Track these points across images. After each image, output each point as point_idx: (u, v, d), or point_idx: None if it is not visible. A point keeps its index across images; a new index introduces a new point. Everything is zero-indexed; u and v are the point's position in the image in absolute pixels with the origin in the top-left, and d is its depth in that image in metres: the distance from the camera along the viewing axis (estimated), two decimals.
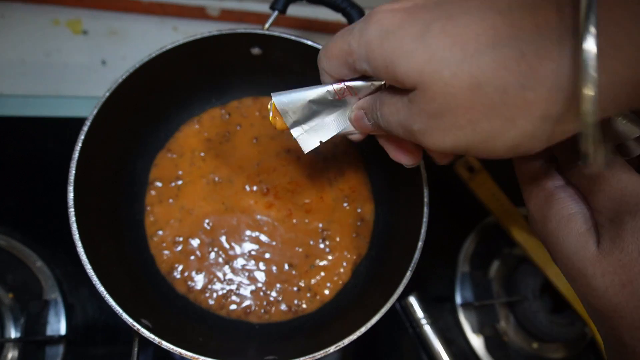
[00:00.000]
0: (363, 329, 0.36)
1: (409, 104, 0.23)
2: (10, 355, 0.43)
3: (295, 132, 0.30)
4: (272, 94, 0.29)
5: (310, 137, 0.30)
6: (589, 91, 0.17)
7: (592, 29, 0.17)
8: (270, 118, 0.30)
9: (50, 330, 0.45)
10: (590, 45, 0.17)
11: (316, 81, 0.42)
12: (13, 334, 0.44)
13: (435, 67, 0.20)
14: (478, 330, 0.51)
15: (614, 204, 0.22)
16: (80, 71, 0.58)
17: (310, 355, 0.35)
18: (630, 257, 0.21)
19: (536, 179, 0.25)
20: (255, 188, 0.47)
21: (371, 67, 0.23)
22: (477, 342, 0.51)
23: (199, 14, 0.62)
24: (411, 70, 0.21)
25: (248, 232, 0.46)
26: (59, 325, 0.46)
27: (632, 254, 0.21)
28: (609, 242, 0.22)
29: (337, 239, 0.47)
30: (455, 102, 0.21)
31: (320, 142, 0.30)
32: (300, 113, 0.29)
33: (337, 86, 0.27)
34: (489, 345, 0.50)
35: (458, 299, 0.52)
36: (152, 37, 0.61)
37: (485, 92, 0.20)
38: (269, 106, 0.30)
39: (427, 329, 0.49)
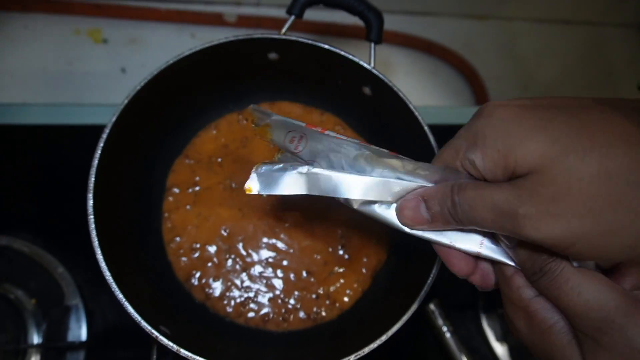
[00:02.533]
0: (384, 338, 0.35)
1: (513, 188, 0.22)
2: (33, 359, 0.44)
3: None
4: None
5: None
6: None
7: None
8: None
9: (71, 336, 0.45)
10: None
11: (333, 85, 0.41)
12: (35, 339, 0.45)
13: (559, 151, 0.20)
14: (502, 338, 0.49)
15: (583, 319, 0.21)
16: (101, 79, 0.59)
17: None
18: None
19: (512, 289, 0.25)
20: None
21: (480, 152, 0.23)
22: (501, 350, 0.49)
23: (217, 20, 0.62)
24: (530, 154, 0.21)
25: (265, 240, 0.46)
26: (79, 331, 0.46)
27: None
28: (591, 356, 0.21)
29: (356, 245, 0.46)
30: (579, 188, 0.20)
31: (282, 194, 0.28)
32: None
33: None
34: (514, 354, 0.49)
35: (481, 306, 0.51)
36: (170, 44, 0.62)
37: (616, 183, 0.19)
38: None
39: (449, 337, 0.48)
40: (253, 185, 0.28)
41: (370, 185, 0.27)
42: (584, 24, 0.76)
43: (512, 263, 0.25)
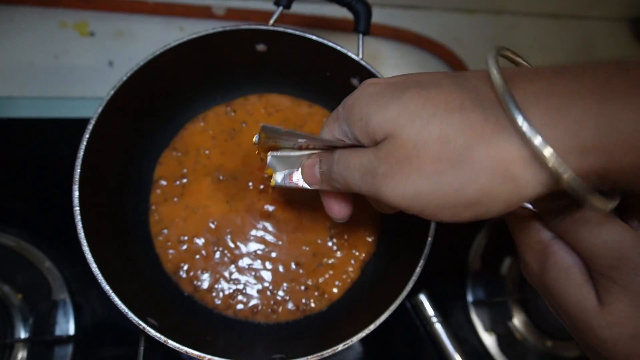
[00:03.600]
0: (372, 327, 0.35)
1: (375, 151, 0.24)
2: (19, 355, 0.43)
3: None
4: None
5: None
6: (546, 154, 0.20)
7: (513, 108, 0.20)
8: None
9: (59, 331, 0.45)
10: (523, 124, 0.20)
11: (322, 77, 0.41)
12: (22, 334, 0.44)
13: (407, 118, 0.23)
14: (490, 328, 0.50)
15: (600, 259, 0.22)
16: (88, 72, 0.58)
17: (319, 354, 0.35)
18: (631, 309, 0.21)
19: (530, 232, 0.26)
20: (260, 186, 0.47)
21: (348, 123, 0.26)
22: (489, 340, 0.50)
23: (205, 13, 0.62)
24: (384, 121, 0.23)
25: (253, 232, 0.45)
26: (67, 325, 0.46)
27: (632, 306, 0.21)
28: (607, 294, 0.22)
29: (345, 237, 0.46)
30: (424, 151, 0.22)
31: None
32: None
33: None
34: (502, 344, 0.49)
35: (469, 297, 0.51)
36: (158, 38, 0.61)
37: (453, 146, 0.22)
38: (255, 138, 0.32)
39: (438, 328, 0.48)
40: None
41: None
42: (572, 17, 0.76)
43: (530, 206, 0.26)
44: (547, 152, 0.20)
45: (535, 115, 0.20)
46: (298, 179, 0.31)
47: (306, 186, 0.31)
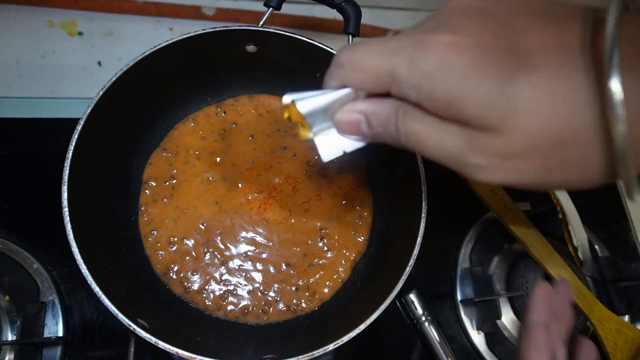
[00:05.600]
0: (362, 326, 0.36)
1: (466, 136, 0.21)
2: (7, 357, 0.43)
3: (319, 139, 0.27)
4: (294, 100, 0.26)
5: (331, 144, 0.27)
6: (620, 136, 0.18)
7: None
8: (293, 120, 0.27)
9: (47, 332, 0.45)
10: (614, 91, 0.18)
11: (312, 78, 0.41)
12: (10, 336, 0.44)
13: (520, 115, 0.20)
14: (479, 326, 0.50)
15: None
16: (76, 72, 0.58)
17: (309, 354, 0.35)
18: None
19: None
20: (250, 187, 0.47)
21: (426, 98, 0.22)
22: (478, 338, 0.50)
23: (195, 13, 0.62)
24: (489, 114, 0.20)
25: (243, 233, 0.46)
26: (56, 327, 0.45)
27: None
28: None
29: (336, 237, 0.47)
30: (535, 151, 0.20)
31: (345, 152, 0.27)
32: (321, 118, 0.27)
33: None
34: (490, 342, 0.50)
35: (458, 296, 0.52)
36: (148, 38, 0.61)
37: (570, 147, 0.20)
38: (285, 112, 0.27)
39: (428, 326, 0.48)
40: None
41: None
42: None
43: None
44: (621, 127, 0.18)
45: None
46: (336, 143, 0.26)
47: (351, 147, 0.26)
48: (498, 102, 0.20)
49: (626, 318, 0.52)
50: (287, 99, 0.26)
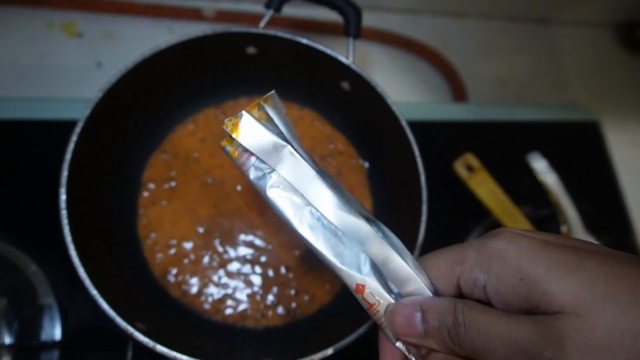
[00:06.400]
0: (362, 330, 0.35)
1: (537, 325, 0.19)
2: None
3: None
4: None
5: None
6: None
7: None
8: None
9: (45, 336, 0.44)
10: None
11: (312, 80, 0.41)
12: (7, 339, 0.43)
13: (599, 297, 0.19)
14: None
15: None
16: (76, 74, 0.58)
17: (309, 357, 0.34)
18: None
19: None
20: (249, 189, 0.46)
21: (496, 275, 0.21)
22: None
23: (195, 15, 0.62)
24: (565, 293, 0.19)
25: (242, 236, 0.45)
26: (53, 330, 0.45)
27: None
28: None
29: None
30: (621, 343, 0.18)
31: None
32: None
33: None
34: None
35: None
36: (147, 39, 0.61)
37: None
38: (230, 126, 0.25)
39: None
40: (242, 126, 0.24)
41: (342, 212, 0.23)
42: (559, 23, 0.77)
43: None
44: None
45: None
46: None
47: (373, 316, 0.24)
48: (574, 284, 0.19)
49: None
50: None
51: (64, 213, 0.35)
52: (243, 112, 0.24)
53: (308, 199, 0.24)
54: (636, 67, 0.79)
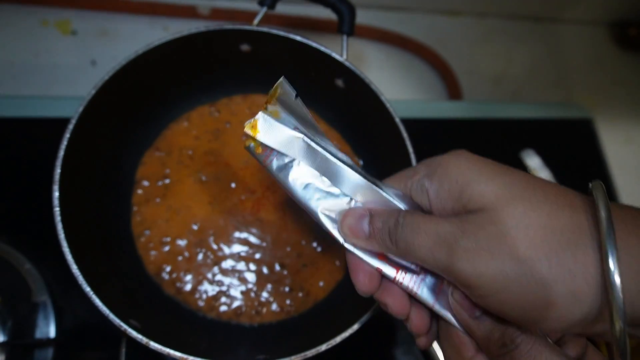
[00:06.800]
0: (355, 326, 0.36)
1: (459, 222, 0.22)
2: None
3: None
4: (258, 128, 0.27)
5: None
6: (617, 317, 0.20)
7: (612, 265, 0.20)
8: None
9: (39, 334, 0.44)
10: (615, 278, 0.19)
11: (306, 77, 0.41)
12: (1, 337, 0.43)
13: (513, 196, 0.21)
14: None
15: None
16: (70, 72, 0.57)
17: (302, 354, 0.35)
18: None
19: None
20: (243, 187, 0.46)
21: (434, 181, 0.24)
22: None
23: (190, 13, 0.62)
24: (487, 192, 0.22)
25: (236, 234, 0.45)
26: (48, 328, 0.45)
27: None
28: None
29: (330, 238, 0.46)
30: (525, 235, 0.21)
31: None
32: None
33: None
34: None
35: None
36: (142, 37, 0.60)
37: (558, 240, 0.20)
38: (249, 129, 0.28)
39: None
40: (260, 126, 0.27)
41: (360, 184, 0.27)
42: (553, 21, 0.78)
43: (458, 326, 0.25)
44: (619, 300, 0.19)
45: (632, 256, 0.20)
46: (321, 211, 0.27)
47: (331, 231, 0.27)
48: (497, 184, 0.22)
49: None
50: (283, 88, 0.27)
51: (57, 210, 0.35)
52: (260, 113, 0.27)
53: (329, 180, 0.27)
54: (629, 64, 0.80)
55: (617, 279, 0.19)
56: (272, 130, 0.27)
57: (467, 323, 0.24)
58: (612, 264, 0.19)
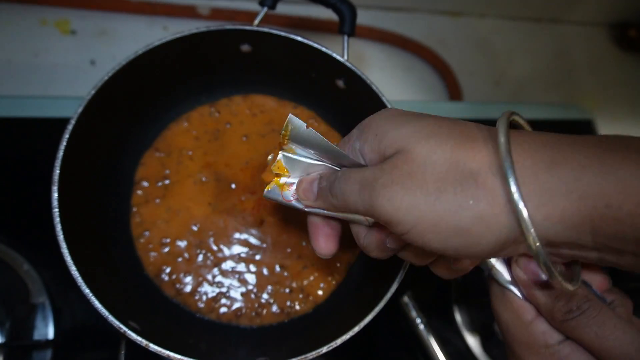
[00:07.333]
0: (356, 329, 0.35)
1: (380, 165, 0.25)
2: None
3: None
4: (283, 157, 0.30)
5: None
6: (526, 227, 0.21)
7: (512, 180, 0.21)
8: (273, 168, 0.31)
9: (37, 335, 0.44)
10: (515, 193, 0.21)
11: (307, 78, 0.41)
12: None
13: (422, 136, 0.24)
14: (474, 329, 0.50)
15: None
16: (69, 72, 0.57)
17: (302, 356, 0.34)
18: None
19: (534, 334, 0.25)
20: (244, 188, 0.46)
21: (361, 140, 0.27)
22: (472, 341, 0.50)
23: (190, 13, 0.61)
24: (398, 137, 0.24)
25: (236, 235, 0.45)
26: (46, 329, 0.45)
27: None
28: None
29: None
30: (432, 169, 0.23)
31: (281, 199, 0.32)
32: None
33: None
34: (485, 344, 0.50)
35: (454, 298, 0.51)
36: (142, 37, 0.60)
37: (462, 169, 0.22)
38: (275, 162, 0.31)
39: (422, 329, 0.48)
40: (286, 165, 0.30)
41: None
42: (553, 22, 0.78)
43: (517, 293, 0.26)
44: (524, 212, 0.21)
45: (528, 170, 0.21)
46: (291, 195, 0.30)
47: (297, 205, 0.30)
48: (407, 129, 0.24)
49: None
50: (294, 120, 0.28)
51: (56, 211, 0.35)
52: (280, 153, 0.30)
53: None
54: (629, 65, 0.80)
55: (518, 197, 0.21)
56: (295, 166, 0.30)
57: (529, 290, 0.25)
58: (512, 185, 0.21)
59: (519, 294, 0.26)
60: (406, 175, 0.23)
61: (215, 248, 0.44)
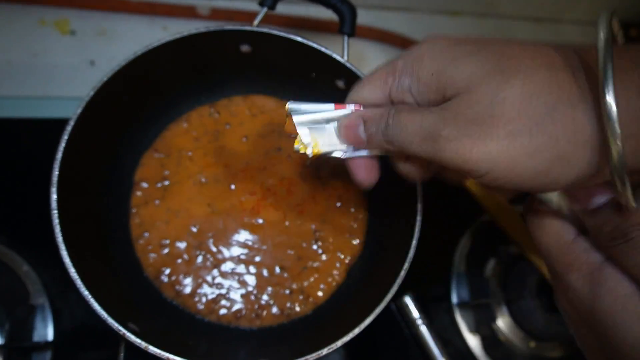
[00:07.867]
0: (357, 330, 0.35)
1: (440, 111, 0.22)
2: None
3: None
4: (291, 112, 0.29)
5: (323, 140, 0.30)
6: (615, 144, 0.18)
7: (611, 92, 0.18)
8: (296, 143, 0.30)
9: (37, 337, 0.44)
10: (611, 104, 0.18)
11: (307, 78, 0.41)
12: None
13: (486, 73, 0.21)
14: (474, 329, 0.50)
15: None
16: (68, 72, 0.57)
17: (303, 358, 0.34)
18: None
19: (576, 251, 0.23)
20: (243, 189, 0.46)
21: (413, 76, 0.24)
22: (473, 341, 0.50)
23: (189, 13, 0.61)
24: (460, 75, 0.21)
25: (236, 236, 0.45)
26: (46, 331, 0.44)
27: None
28: None
29: (330, 240, 0.46)
30: (501, 110, 0.20)
31: (329, 152, 0.30)
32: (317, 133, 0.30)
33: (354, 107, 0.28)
34: (486, 345, 0.49)
35: (454, 299, 0.51)
36: (141, 37, 0.60)
37: (536, 105, 0.20)
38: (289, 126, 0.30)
39: (423, 330, 0.48)
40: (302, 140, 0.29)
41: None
42: (554, 21, 0.77)
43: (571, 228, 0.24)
44: (614, 124, 0.18)
45: (630, 87, 0.19)
46: (333, 145, 0.28)
47: (342, 154, 0.28)
48: (469, 66, 0.21)
49: None
50: (290, 105, 0.29)
51: (54, 213, 0.35)
52: (298, 130, 0.29)
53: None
54: None
55: (612, 101, 0.18)
56: (319, 134, 0.29)
57: (577, 214, 0.24)
58: (608, 89, 0.18)
59: (560, 215, 0.25)
60: (472, 122, 0.21)
61: (214, 249, 0.44)
